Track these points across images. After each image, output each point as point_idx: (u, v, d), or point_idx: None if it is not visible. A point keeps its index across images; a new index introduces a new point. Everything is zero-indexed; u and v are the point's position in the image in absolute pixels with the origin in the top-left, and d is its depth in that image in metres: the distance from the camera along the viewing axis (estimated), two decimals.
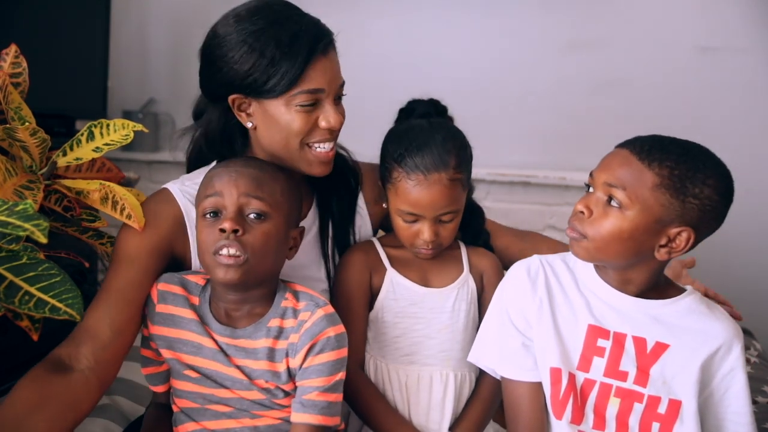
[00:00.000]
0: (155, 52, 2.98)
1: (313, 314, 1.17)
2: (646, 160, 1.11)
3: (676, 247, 1.13)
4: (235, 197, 1.14)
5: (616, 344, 1.18)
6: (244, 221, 1.14)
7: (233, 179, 1.16)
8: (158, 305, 1.21)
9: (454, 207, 1.31)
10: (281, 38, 1.22)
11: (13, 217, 0.96)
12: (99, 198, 1.23)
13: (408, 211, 1.30)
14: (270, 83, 1.22)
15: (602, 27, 2.80)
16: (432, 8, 2.86)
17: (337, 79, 1.29)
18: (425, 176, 1.27)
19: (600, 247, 1.14)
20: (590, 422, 1.18)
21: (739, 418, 1.17)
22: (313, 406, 1.15)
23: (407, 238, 1.33)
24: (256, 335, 1.18)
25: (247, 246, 1.12)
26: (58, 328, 1.25)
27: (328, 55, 1.27)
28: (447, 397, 1.32)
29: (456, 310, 1.35)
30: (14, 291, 1.04)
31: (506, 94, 2.86)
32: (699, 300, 1.21)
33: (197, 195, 1.21)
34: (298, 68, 1.22)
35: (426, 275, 1.37)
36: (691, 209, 1.10)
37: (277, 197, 1.17)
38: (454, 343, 1.34)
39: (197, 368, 1.19)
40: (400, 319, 1.34)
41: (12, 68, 1.31)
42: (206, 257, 1.15)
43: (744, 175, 2.73)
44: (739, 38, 2.71)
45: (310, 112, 1.26)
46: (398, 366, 1.34)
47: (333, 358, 1.16)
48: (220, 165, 1.22)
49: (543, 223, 2.79)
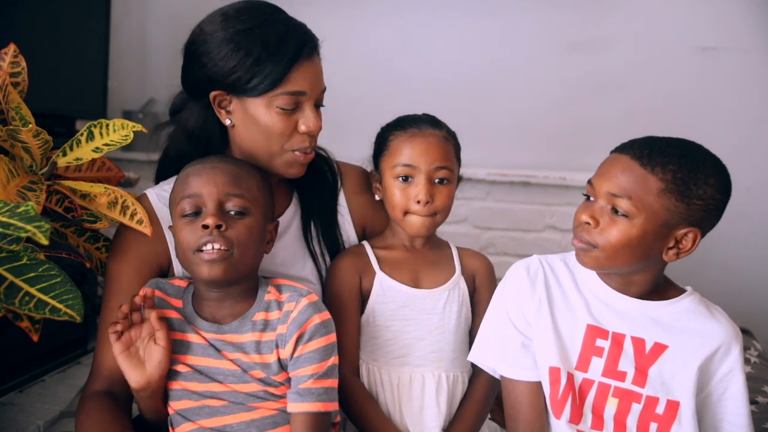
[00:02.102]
0: (155, 52, 2.98)
1: (298, 303, 1.19)
2: (648, 166, 1.11)
3: (684, 248, 1.14)
4: (215, 193, 1.16)
5: (614, 344, 1.18)
6: (226, 216, 1.16)
7: (211, 176, 1.18)
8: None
9: (448, 164, 1.33)
10: (268, 39, 1.24)
11: (15, 218, 0.96)
12: (107, 202, 1.24)
13: (403, 162, 1.32)
14: (253, 82, 1.24)
15: (602, 27, 2.80)
16: (432, 9, 2.86)
17: (319, 84, 1.30)
18: (420, 129, 1.34)
19: (610, 255, 1.14)
20: (589, 422, 1.18)
21: (736, 419, 1.17)
22: (310, 394, 1.16)
23: (401, 204, 1.33)
24: (241, 330, 1.19)
25: (232, 240, 1.15)
26: (58, 328, 1.25)
27: (313, 60, 1.29)
28: (440, 397, 1.32)
29: (447, 311, 1.35)
30: (14, 292, 1.04)
31: (506, 94, 2.86)
32: (698, 301, 1.21)
33: (172, 195, 1.22)
34: (283, 69, 1.24)
35: (417, 276, 1.37)
36: (696, 210, 1.11)
37: (254, 192, 1.20)
38: (445, 344, 1.34)
39: (188, 364, 1.20)
40: (391, 322, 1.34)
41: (11, 68, 1.30)
42: (188, 255, 1.17)
43: (744, 174, 2.74)
44: (739, 38, 2.71)
45: (289, 115, 1.27)
46: (390, 368, 1.34)
47: (323, 344, 1.18)
48: (194, 163, 1.23)
49: (543, 223, 2.80)
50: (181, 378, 1.19)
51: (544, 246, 2.77)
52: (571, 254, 1.26)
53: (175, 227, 1.20)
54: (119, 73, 2.85)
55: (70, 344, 2.10)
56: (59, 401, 1.82)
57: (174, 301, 1.23)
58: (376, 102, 2.06)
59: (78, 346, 2.13)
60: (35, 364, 1.95)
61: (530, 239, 2.80)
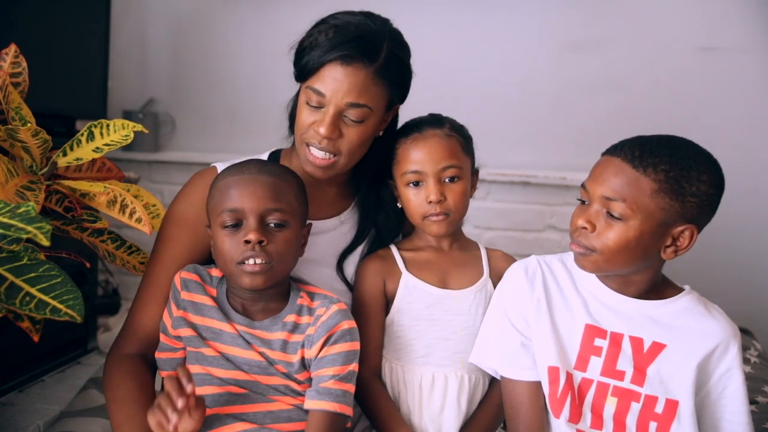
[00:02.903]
0: (155, 52, 2.98)
1: (328, 309, 1.23)
2: (640, 167, 1.11)
3: (681, 245, 1.14)
4: (256, 208, 1.18)
5: (613, 344, 1.18)
6: (267, 230, 1.19)
7: (252, 190, 1.19)
8: (182, 292, 1.25)
9: (454, 162, 1.32)
10: (329, 27, 1.26)
11: (16, 219, 0.96)
12: (106, 201, 1.24)
13: (411, 169, 1.33)
14: (299, 65, 1.29)
15: (602, 27, 2.79)
16: (431, 8, 2.86)
17: (343, 94, 1.24)
18: (421, 132, 1.34)
19: (609, 258, 1.14)
20: (588, 421, 1.18)
21: (735, 417, 1.18)
22: (329, 393, 1.18)
23: (417, 209, 1.34)
24: (272, 328, 1.23)
25: (272, 254, 1.18)
26: (58, 328, 1.25)
27: (349, 67, 1.24)
28: (461, 398, 1.33)
29: (472, 313, 1.35)
30: (15, 292, 1.04)
31: (506, 94, 2.85)
32: (696, 300, 1.21)
33: (212, 203, 1.23)
34: (314, 63, 1.25)
35: (445, 277, 1.37)
36: (691, 207, 1.11)
37: (293, 203, 1.22)
38: (469, 345, 1.34)
39: (218, 350, 1.22)
40: (416, 322, 1.34)
41: (12, 68, 1.31)
42: (229, 266, 1.20)
43: (744, 174, 2.74)
44: (739, 38, 2.71)
45: (311, 111, 1.28)
46: (413, 367, 1.34)
47: (347, 348, 1.22)
48: (233, 172, 1.23)
49: (543, 223, 2.79)
50: (207, 363, 1.22)
51: (544, 246, 2.77)
52: (569, 254, 1.26)
53: (215, 236, 1.21)
54: (119, 73, 2.85)
55: (70, 344, 2.10)
56: (59, 401, 1.82)
57: (209, 288, 1.27)
58: None
59: (78, 346, 2.13)
60: (35, 364, 1.95)
61: (530, 239, 2.80)
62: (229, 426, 1.18)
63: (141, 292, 1.32)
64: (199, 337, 1.23)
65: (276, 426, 1.19)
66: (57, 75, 2.13)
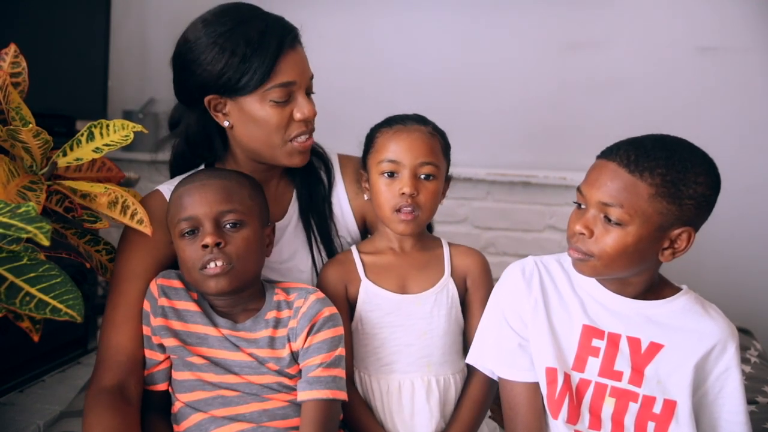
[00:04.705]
0: (155, 52, 2.98)
1: (306, 300, 1.25)
2: (636, 172, 1.10)
3: (679, 248, 1.14)
4: (209, 212, 1.20)
5: (610, 344, 1.18)
6: (223, 232, 1.20)
7: (203, 195, 1.21)
8: (159, 299, 1.25)
9: (433, 159, 1.32)
10: (250, 36, 1.26)
11: (16, 219, 0.96)
12: (107, 202, 1.24)
13: (388, 158, 1.31)
14: (243, 80, 1.27)
15: (602, 27, 2.79)
16: (431, 8, 2.86)
17: (306, 71, 1.33)
18: (405, 125, 1.34)
19: (607, 263, 1.14)
20: (586, 422, 1.18)
21: (734, 417, 1.17)
22: (319, 382, 1.20)
23: (389, 201, 1.31)
24: (255, 328, 1.24)
25: (232, 255, 1.19)
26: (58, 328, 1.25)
27: (296, 49, 1.31)
28: (431, 402, 1.32)
29: (435, 315, 1.34)
30: (15, 292, 1.04)
31: (506, 94, 2.86)
32: (694, 299, 1.21)
33: (169, 216, 1.25)
34: (269, 63, 1.26)
35: (404, 281, 1.36)
36: (688, 209, 1.11)
37: (247, 202, 1.23)
38: (434, 348, 1.34)
39: (204, 356, 1.23)
40: (378, 330, 1.34)
41: (12, 68, 1.31)
42: (193, 274, 1.21)
43: (744, 174, 2.74)
44: (739, 38, 2.71)
45: (283, 107, 1.29)
46: (380, 376, 1.34)
47: (331, 335, 1.24)
48: (184, 182, 1.26)
49: (543, 223, 2.79)
50: (196, 369, 1.23)
51: (544, 246, 2.77)
52: (566, 255, 1.26)
53: (177, 247, 1.23)
54: (119, 73, 2.85)
55: (70, 344, 2.10)
56: (59, 401, 1.82)
57: (192, 292, 1.27)
58: (376, 101, 2.05)
59: (78, 346, 2.13)
60: (35, 364, 1.95)
61: (530, 239, 2.80)
62: (225, 427, 1.19)
63: (110, 315, 1.26)
64: (183, 346, 1.23)
65: (272, 424, 1.20)
66: (57, 75, 2.13)
